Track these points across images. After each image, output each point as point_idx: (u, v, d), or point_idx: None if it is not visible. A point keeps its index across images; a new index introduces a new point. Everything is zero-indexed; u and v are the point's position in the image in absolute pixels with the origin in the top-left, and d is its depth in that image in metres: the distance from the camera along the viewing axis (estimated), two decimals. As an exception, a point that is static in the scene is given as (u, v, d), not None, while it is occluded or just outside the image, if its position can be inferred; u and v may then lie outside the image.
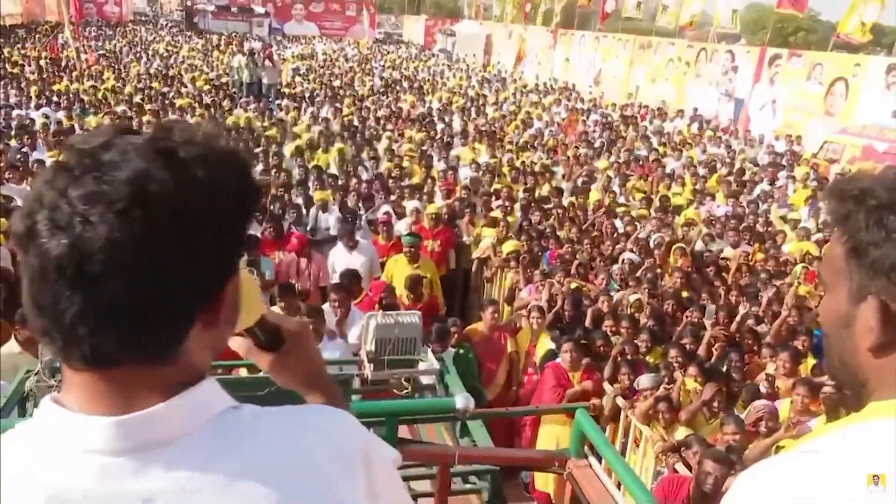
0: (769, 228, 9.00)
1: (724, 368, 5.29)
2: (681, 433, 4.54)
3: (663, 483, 3.95)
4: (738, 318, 5.97)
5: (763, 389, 5.01)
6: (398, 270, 6.59)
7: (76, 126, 11.99)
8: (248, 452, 0.77)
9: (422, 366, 3.41)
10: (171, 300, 0.73)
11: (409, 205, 8.37)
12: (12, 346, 4.64)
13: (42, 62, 20.18)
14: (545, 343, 5.75)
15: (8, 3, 33.70)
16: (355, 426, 0.90)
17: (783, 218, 9.61)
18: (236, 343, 1.02)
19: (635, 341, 5.52)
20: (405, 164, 10.89)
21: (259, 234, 7.27)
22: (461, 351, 5.52)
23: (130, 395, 0.75)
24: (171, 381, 0.77)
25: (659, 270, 7.21)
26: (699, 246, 8.27)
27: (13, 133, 10.88)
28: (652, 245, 7.82)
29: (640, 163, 12.48)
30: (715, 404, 4.69)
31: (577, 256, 7.24)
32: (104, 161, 0.71)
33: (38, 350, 3.27)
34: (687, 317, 5.94)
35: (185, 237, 0.72)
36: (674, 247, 7.56)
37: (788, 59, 18.37)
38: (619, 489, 2.44)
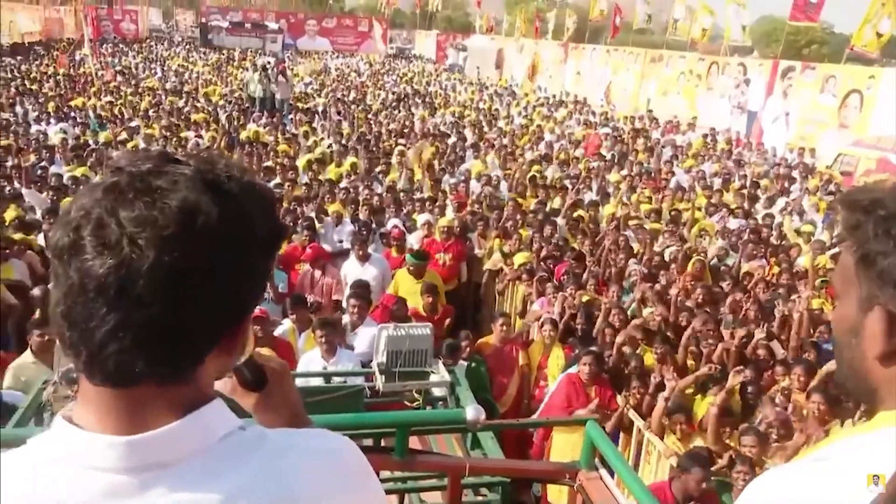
0: (783, 241, 8.95)
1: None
2: (697, 444, 4.51)
3: (654, 490, 3.94)
4: (755, 336, 5.91)
5: (778, 402, 4.96)
6: (404, 284, 6.61)
7: (90, 141, 12.15)
8: (251, 472, 0.78)
9: (433, 378, 3.41)
10: (202, 325, 0.76)
11: (421, 218, 8.40)
12: (27, 355, 4.70)
13: (59, 78, 20.47)
14: (558, 356, 5.74)
15: (27, 22, 34.29)
16: (357, 452, 0.92)
17: (797, 231, 9.55)
18: (220, 383, 1.03)
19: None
20: (417, 177, 10.95)
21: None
22: (473, 364, 5.52)
23: (144, 414, 0.77)
24: (183, 402, 0.79)
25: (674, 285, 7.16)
26: (713, 260, 8.22)
27: (32, 148, 11.04)
28: (667, 258, 7.79)
29: (652, 176, 12.46)
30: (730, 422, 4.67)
31: (590, 269, 7.22)
32: (155, 187, 0.75)
33: (54, 359, 3.31)
34: (694, 328, 5.87)
35: (224, 266, 0.76)
36: (693, 259, 7.53)
37: (802, 72, 18.32)
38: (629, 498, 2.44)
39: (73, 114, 14.53)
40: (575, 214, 9.23)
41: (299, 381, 4.60)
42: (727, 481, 4.13)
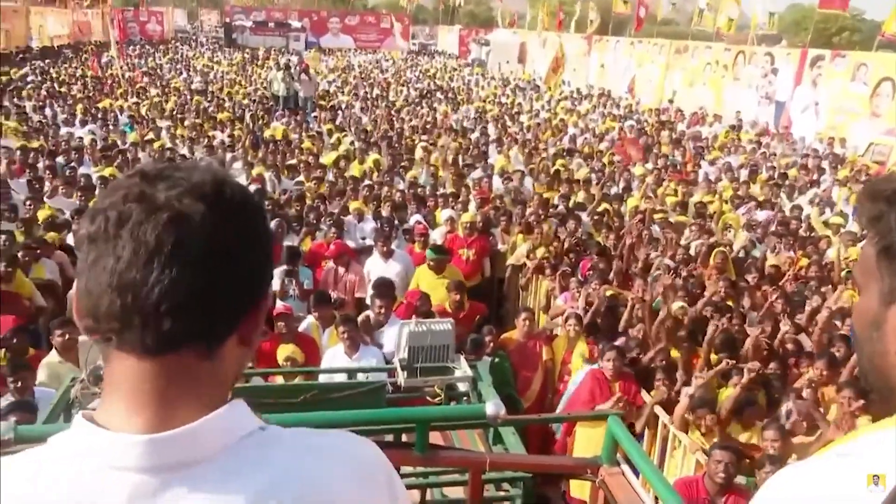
0: (812, 233, 8.79)
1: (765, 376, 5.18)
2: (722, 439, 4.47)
3: (678, 485, 3.90)
4: (781, 330, 5.83)
5: (806, 395, 4.89)
6: (424, 280, 6.61)
7: (118, 142, 12.34)
8: (274, 472, 0.79)
9: (455, 373, 3.41)
10: (239, 289, 0.81)
11: (444, 213, 8.40)
12: (53, 354, 4.79)
13: (87, 80, 20.81)
14: (582, 351, 5.71)
15: (56, 25, 34.91)
16: (379, 453, 0.92)
17: (826, 223, 9.38)
18: None
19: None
20: (440, 173, 10.95)
21: (298, 245, 7.39)
22: (496, 359, 5.51)
23: (174, 399, 0.78)
24: (209, 392, 0.81)
25: (700, 278, 7.08)
26: (740, 253, 8.11)
27: (61, 149, 11.25)
28: (693, 252, 7.70)
29: (677, 168, 12.33)
30: (755, 414, 4.62)
31: (614, 263, 7.17)
32: (178, 174, 0.80)
33: (80, 357, 3.37)
34: (719, 323, 5.79)
35: (251, 232, 0.83)
36: (714, 251, 7.43)
37: (832, 60, 17.97)
38: (652, 494, 2.42)
39: (100, 115, 14.77)
40: (599, 208, 9.17)
41: (323, 377, 4.64)
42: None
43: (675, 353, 5.51)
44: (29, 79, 20.60)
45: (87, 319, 0.79)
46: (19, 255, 6.15)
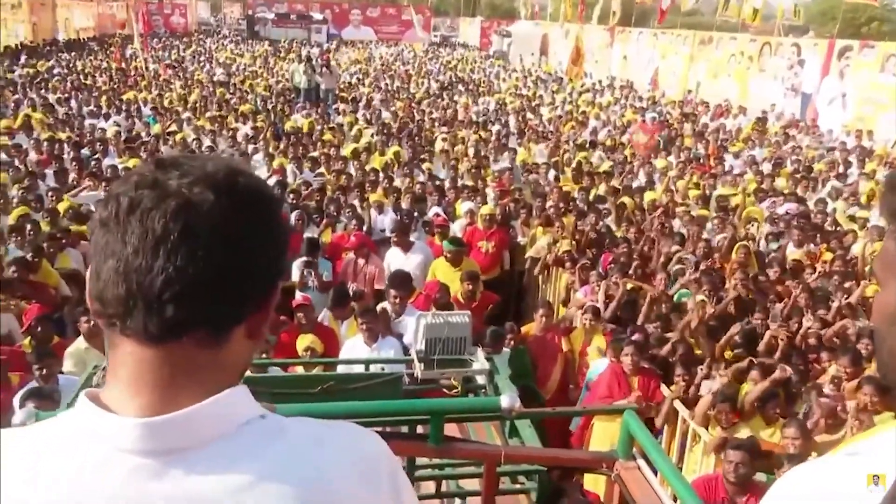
0: (837, 227, 8.65)
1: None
2: (743, 434, 4.43)
3: (697, 484, 3.87)
4: (804, 324, 5.75)
5: (828, 391, 4.82)
6: (441, 272, 6.62)
7: (143, 134, 12.48)
8: (272, 461, 0.78)
9: (472, 366, 3.41)
10: (247, 280, 0.80)
11: (464, 206, 8.39)
12: (80, 341, 4.87)
13: (112, 72, 21.04)
14: (599, 344, 5.68)
15: (82, 18, 35.31)
16: (382, 447, 0.91)
17: (852, 217, 9.21)
18: None
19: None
20: (460, 166, 10.94)
21: (318, 236, 7.43)
22: (516, 351, 5.50)
23: (176, 384, 0.79)
24: (212, 379, 0.80)
25: (721, 272, 7.00)
26: (762, 246, 8.01)
27: (86, 141, 11.40)
28: (715, 246, 7.61)
29: (700, 161, 12.18)
30: (777, 410, 4.56)
31: (634, 257, 7.12)
32: (194, 159, 0.82)
33: (104, 343, 3.41)
34: (743, 323, 5.73)
35: (263, 223, 0.83)
36: (736, 245, 7.34)
37: (860, 51, 17.62)
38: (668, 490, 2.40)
39: (124, 107, 14.93)
40: (620, 201, 9.10)
41: (341, 368, 4.67)
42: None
43: (697, 351, 5.47)
44: (55, 71, 20.87)
45: (96, 303, 0.80)
46: (45, 245, 6.26)
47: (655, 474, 2.40)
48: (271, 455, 0.79)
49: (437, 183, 9.64)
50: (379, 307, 5.55)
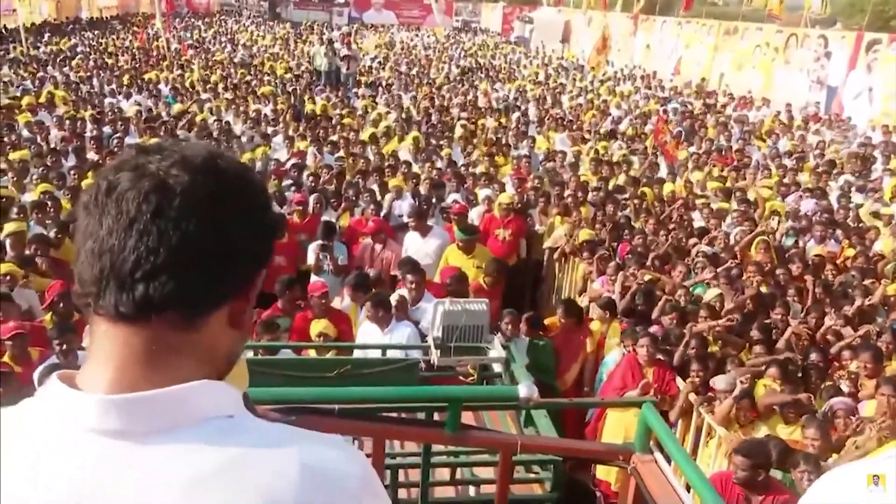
0: (860, 224, 8.52)
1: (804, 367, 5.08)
2: (761, 433, 4.39)
3: (714, 480, 3.84)
4: (825, 321, 5.68)
5: (845, 388, 4.77)
6: (454, 259, 6.60)
7: (163, 114, 12.53)
8: (216, 463, 0.74)
9: (488, 354, 3.41)
10: (222, 263, 0.80)
11: (482, 193, 8.36)
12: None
13: (135, 52, 21.12)
14: (613, 336, 5.66)
15: (105, -4, 35.45)
16: (356, 469, 0.83)
17: (875, 214, 9.06)
18: None
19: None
20: (476, 152, 10.89)
21: (335, 220, 7.45)
22: (540, 343, 5.47)
23: (145, 367, 0.77)
24: (184, 369, 0.79)
25: (741, 266, 6.93)
26: (783, 241, 7.91)
27: (107, 120, 11.47)
28: (734, 240, 7.54)
29: (722, 153, 12.03)
30: (793, 411, 4.52)
31: (653, 248, 7.06)
32: (176, 144, 0.83)
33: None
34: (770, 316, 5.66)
35: (243, 206, 0.83)
36: (756, 240, 7.26)
37: (889, 44, 17.28)
38: (684, 484, 2.39)
39: (146, 87, 14.99)
40: (639, 192, 9.02)
41: (357, 353, 4.68)
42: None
43: (713, 347, 5.43)
44: (78, 49, 20.98)
45: (76, 284, 0.81)
46: (68, 222, 6.32)
47: (671, 467, 2.39)
48: (217, 457, 0.75)
49: (456, 169, 9.61)
50: (396, 296, 5.50)
